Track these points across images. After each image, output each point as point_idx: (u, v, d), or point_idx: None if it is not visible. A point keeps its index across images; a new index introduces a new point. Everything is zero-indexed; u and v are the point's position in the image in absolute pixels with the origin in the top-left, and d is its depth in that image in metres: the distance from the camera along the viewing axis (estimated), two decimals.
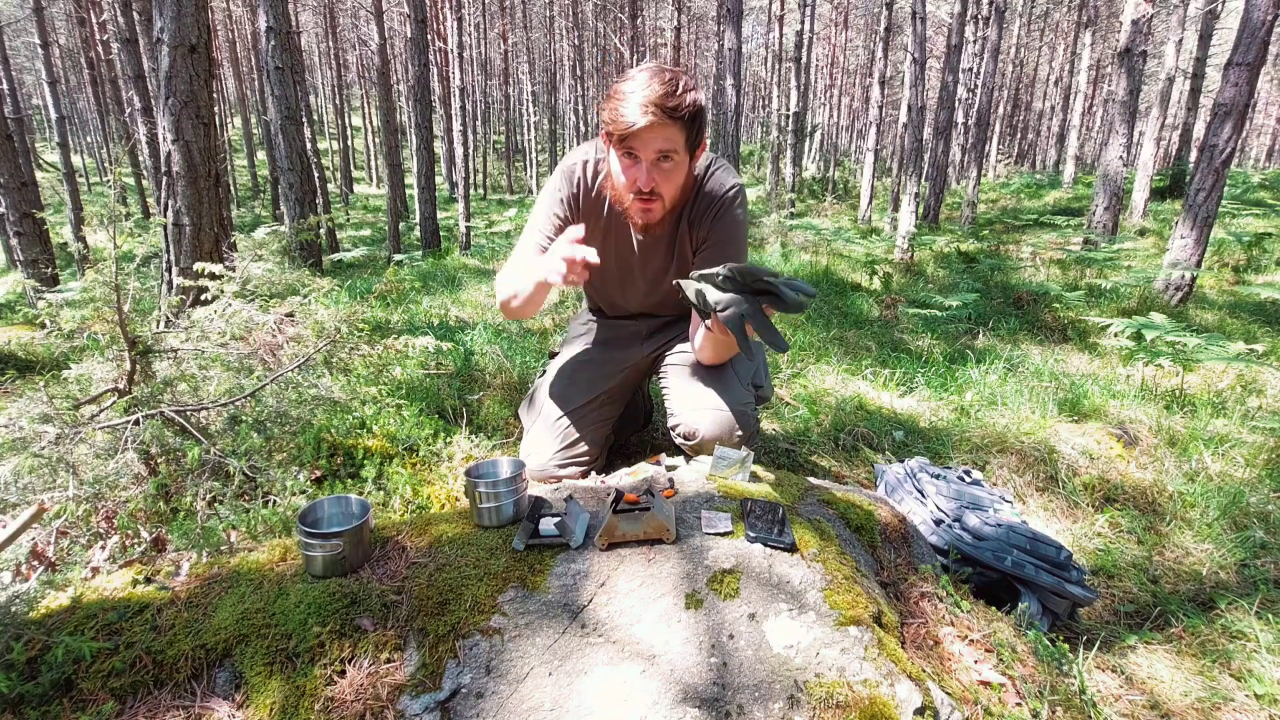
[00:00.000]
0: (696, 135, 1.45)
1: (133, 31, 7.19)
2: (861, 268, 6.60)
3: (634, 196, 1.50)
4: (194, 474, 1.56)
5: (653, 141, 1.41)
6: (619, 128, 1.39)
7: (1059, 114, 26.48)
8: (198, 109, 2.92)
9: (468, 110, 17.68)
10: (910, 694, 0.97)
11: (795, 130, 12.98)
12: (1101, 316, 4.58)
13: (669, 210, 1.56)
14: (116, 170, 2.39)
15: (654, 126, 1.37)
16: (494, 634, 1.03)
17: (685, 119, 1.39)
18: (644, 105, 1.35)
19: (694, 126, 1.43)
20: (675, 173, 1.48)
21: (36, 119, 31.79)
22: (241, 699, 0.98)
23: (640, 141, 1.41)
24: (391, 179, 11.27)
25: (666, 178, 1.47)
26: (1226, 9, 16.81)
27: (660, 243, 1.71)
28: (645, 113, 1.35)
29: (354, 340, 1.98)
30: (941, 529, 1.68)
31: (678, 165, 1.47)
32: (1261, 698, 1.39)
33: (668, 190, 1.50)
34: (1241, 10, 4.93)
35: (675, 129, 1.40)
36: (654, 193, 1.48)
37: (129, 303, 1.61)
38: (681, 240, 1.70)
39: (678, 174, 1.49)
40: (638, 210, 1.52)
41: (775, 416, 2.70)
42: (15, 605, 1.02)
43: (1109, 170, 7.75)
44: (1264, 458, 2.45)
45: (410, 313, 4.49)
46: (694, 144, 1.47)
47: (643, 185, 1.46)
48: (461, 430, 2.15)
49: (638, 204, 1.51)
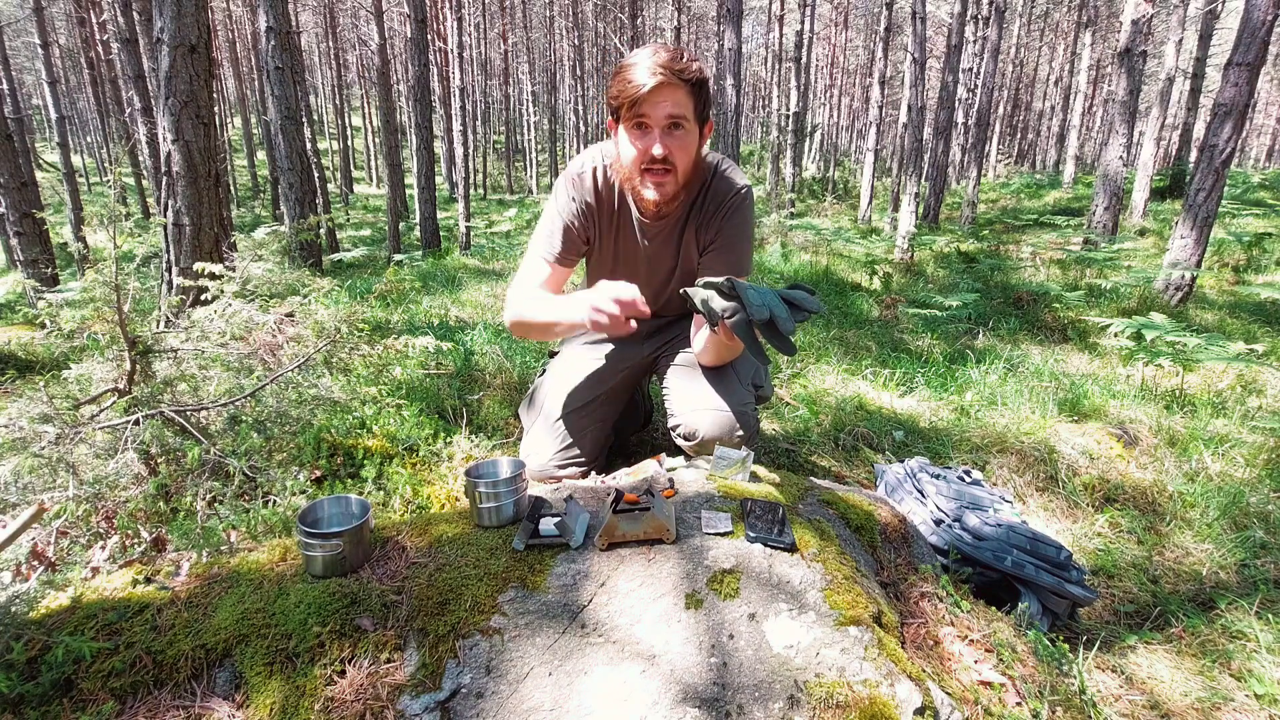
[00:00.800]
0: (704, 107, 1.47)
1: (133, 31, 7.20)
2: (861, 268, 6.61)
3: (645, 173, 1.49)
4: (194, 474, 1.56)
5: (663, 105, 1.42)
6: (629, 92, 1.41)
7: (1059, 114, 26.49)
8: (198, 109, 2.92)
9: (468, 110, 17.69)
10: (910, 694, 0.97)
11: (795, 130, 12.98)
12: (1101, 316, 4.58)
13: (680, 186, 1.54)
14: (116, 170, 2.39)
15: (663, 87, 1.39)
16: (494, 634, 1.03)
17: (693, 83, 1.42)
18: (652, 69, 1.38)
19: (700, 95, 1.45)
20: (687, 142, 1.47)
21: (36, 119, 31.79)
22: (241, 699, 0.98)
23: (651, 105, 1.42)
24: (391, 179, 11.28)
25: (679, 145, 1.47)
26: (1226, 9, 16.81)
27: (666, 244, 1.71)
28: (654, 75, 1.38)
29: (354, 340, 1.98)
30: (941, 529, 1.68)
31: (688, 134, 1.47)
32: (1261, 698, 1.39)
33: (681, 160, 1.48)
34: (1241, 10, 4.93)
35: (684, 92, 1.42)
36: (667, 161, 1.47)
37: (129, 303, 1.61)
38: (688, 243, 1.69)
39: (689, 144, 1.48)
40: (651, 185, 1.50)
41: (775, 416, 2.70)
42: (15, 605, 1.02)
43: (1109, 170, 7.75)
44: (1264, 458, 2.45)
45: (410, 313, 4.49)
46: (702, 117, 1.48)
47: (655, 151, 1.45)
48: (461, 430, 2.15)
49: (649, 178, 1.50)
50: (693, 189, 1.61)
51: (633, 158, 1.50)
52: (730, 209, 1.63)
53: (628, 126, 1.48)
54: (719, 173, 1.64)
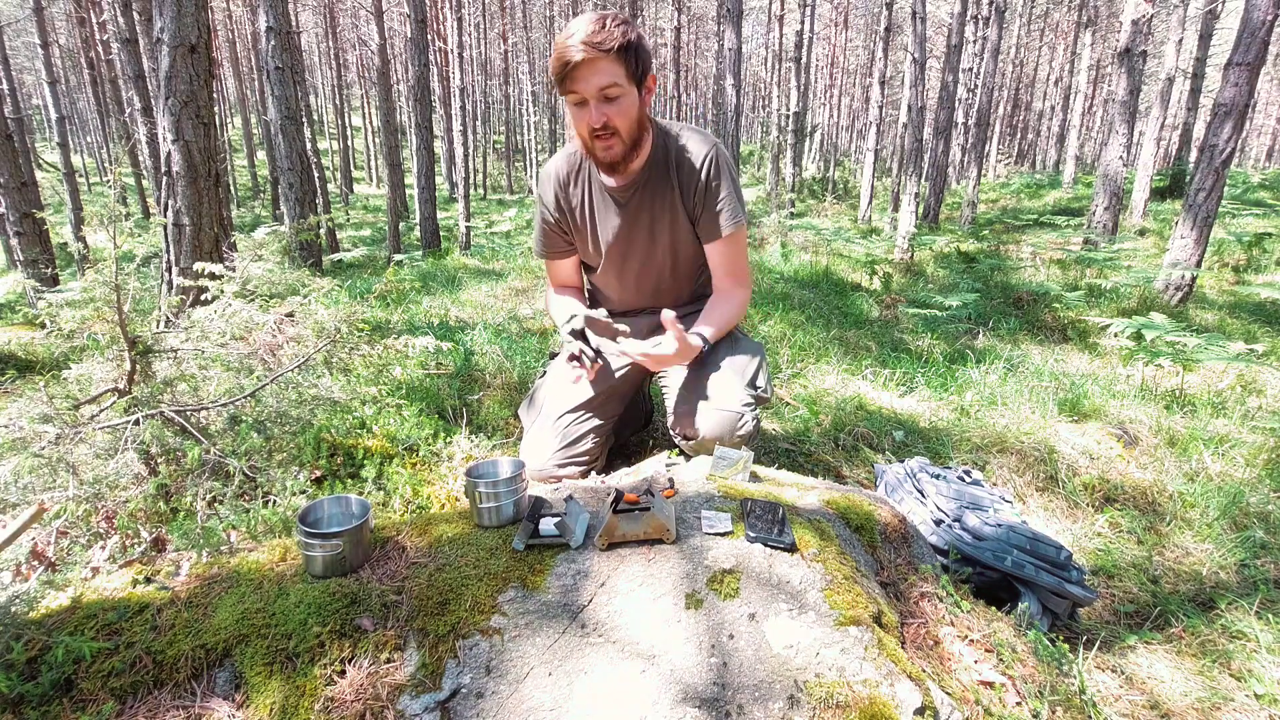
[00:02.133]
0: (638, 67, 1.52)
1: (133, 31, 7.19)
2: (861, 268, 6.61)
3: (594, 139, 1.57)
4: (194, 474, 1.56)
5: (591, 78, 1.48)
6: (557, 69, 1.49)
7: (1059, 114, 26.47)
8: (198, 109, 2.92)
9: (468, 110, 17.69)
10: (910, 694, 0.97)
11: (795, 130, 12.98)
12: (1101, 316, 4.58)
13: (628, 146, 1.61)
14: (116, 170, 2.38)
15: (587, 62, 1.45)
16: (494, 634, 1.03)
17: (616, 50, 1.46)
18: (574, 46, 1.45)
19: (628, 58, 1.49)
20: (624, 105, 1.54)
21: (36, 119, 31.78)
22: (241, 699, 0.98)
23: (581, 82, 1.49)
24: (391, 179, 11.27)
25: (616, 110, 1.53)
26: (1226, 9, 16.80)
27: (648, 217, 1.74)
28: (579, 52, 1.45)
29: (354, 340, 1.98)
30: (941, 529, 1.68)
31: (625, 97, 1.53)
32: (1261, 698, 1.39)
33: (621, 123, 1.55)
34: (1241, 10, 4.93)
35: (609, 61, 1.47)
36: (607, 127, 1.55)
37: (129, 303, 1.61)
38: (674, 212, 1.73)
39: (627, 107, 1.54)
40: (600, 150, 1.59)
41: (775, 416, 2.70)
42: (15, 605, 1.02)
43: (1109, 170, 7.75)
44: (1264, 458, 2.45)
45: (410, 313, 4.49)
46: (639, 77, 1.53)
47: (593, 121, 1.53)
48: (461, 430, 2.15)
49: (598, 144, 1.58)
50: (647, 147, 1.67)
51: (580, 129, 1.59)
52: (707, 175, 1.68)
53: (569, 103, 1.56)
54: (680, 142, 1.69)
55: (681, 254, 1.80)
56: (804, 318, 4.54)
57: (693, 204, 1.71)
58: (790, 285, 5.70)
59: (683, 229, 1.75)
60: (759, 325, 4.19)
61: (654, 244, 1.77)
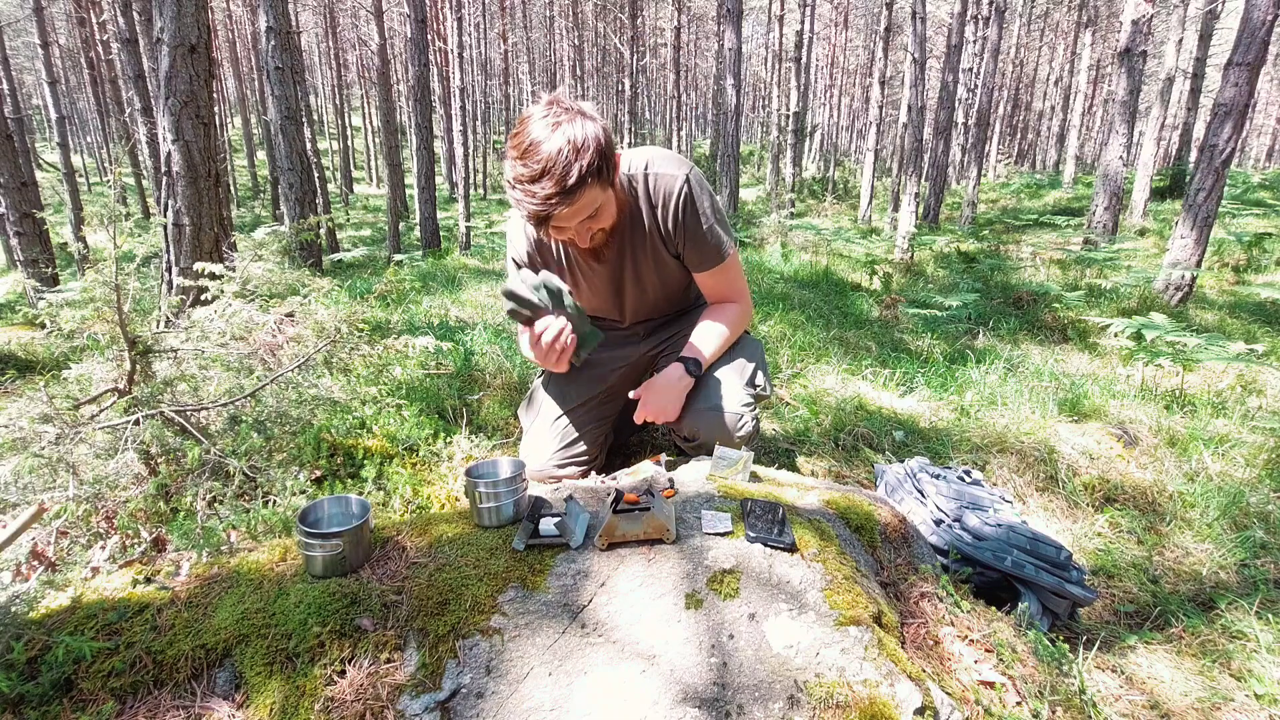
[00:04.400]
0: (605, 170, 1.39)
1: (133, 31, 7.20)
2: (861, 268, 6.61)
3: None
4: (194, 474, 1.56)
5: (572, 219, 1.41)
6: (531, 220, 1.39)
7: (1059, 114, 26.48)
8: (198, 109, 2.92)
9: (468, 110, 17.68)
10: (910, 694, 0.97)
11: (795, 130, 12.98)
12: (1101, 316, 4.58)
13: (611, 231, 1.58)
14: (116, 170, 2.38)
15: (564, 215, 1.37)
16: (494, 634, 1.03)
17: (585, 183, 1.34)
18: (544, 201, 1.33)
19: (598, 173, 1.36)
20: (604, 210, 1.47)
21: (36, 119, 31.76)
22: (241, 699, 0.98)
23: (560, 228, 1.44)
24: (391, 179, 11.27)
25: (598, 220, 1.48)
26: (1226, 9, 16.79)
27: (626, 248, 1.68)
28: (549, 206, 1.33)
29: (354, 340, 1.98)
30: (941, 529, 1.68)
31: (604, 205, 1.46)
32: (1261, 698, 1.39)
33: (607, 223, 1.52)
34: (1241, 10, 4.93)
35: (580, 194, 1.35)
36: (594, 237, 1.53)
37: (129, 303, 1.61)
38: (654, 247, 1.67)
39: (607, 208, 1.49)
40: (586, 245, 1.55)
41: (775, 416, 2.70)
42: (15, 605, 1.02)
43: (1109, 170, 7.75)
44: (1264, 458, 2.45)
45: (410, 313, 4.49)
46: (608, 177, 1.41)
47: (582, 243, 1.51)
48: (461, 430, 2.15)
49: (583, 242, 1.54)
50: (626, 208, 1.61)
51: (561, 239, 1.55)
52: (683, 215, 1.59)
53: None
54: (650, 182, 1.59)
55: (673, 283, 1.78)
56: (804, 318, 4.54)
57: (673, 242, 1.65)
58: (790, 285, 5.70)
59: (667, 264, 1.71)
60: (759, 325, 4.20)
61: (641, 282, 1.75)
